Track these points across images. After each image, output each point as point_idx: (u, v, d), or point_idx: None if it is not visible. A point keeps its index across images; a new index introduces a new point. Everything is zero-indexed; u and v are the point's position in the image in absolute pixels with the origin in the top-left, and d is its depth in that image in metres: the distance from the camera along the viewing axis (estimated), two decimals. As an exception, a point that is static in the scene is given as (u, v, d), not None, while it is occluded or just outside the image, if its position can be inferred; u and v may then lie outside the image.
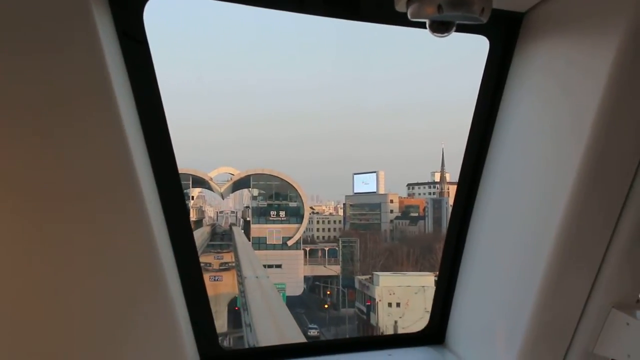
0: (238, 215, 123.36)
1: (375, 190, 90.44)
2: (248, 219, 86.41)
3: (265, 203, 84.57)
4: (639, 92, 1.96)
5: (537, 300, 2.23)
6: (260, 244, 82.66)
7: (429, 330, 3.02)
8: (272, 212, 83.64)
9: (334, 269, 77.97)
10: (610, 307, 2.23)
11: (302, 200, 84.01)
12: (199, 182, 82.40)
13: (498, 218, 2.60)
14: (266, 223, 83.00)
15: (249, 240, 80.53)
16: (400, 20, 1.96)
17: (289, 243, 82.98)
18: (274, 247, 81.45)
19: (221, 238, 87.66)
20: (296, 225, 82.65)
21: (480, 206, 2.70)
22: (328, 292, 75.18)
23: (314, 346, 3.01)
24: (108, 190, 1.93)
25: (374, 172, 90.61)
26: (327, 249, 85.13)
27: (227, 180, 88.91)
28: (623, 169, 2.09)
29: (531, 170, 2.38)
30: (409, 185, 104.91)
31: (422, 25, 1.90)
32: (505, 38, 2.45)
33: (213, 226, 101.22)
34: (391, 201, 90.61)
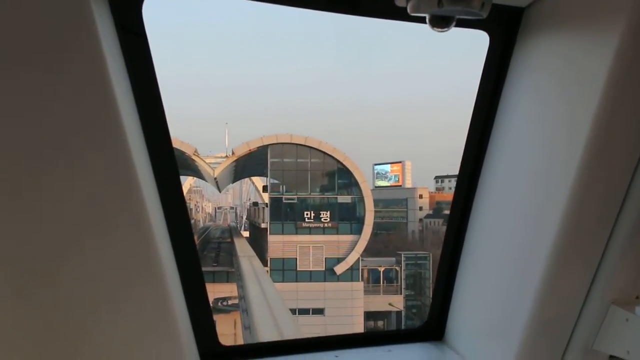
0: (238, 212, 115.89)
1: (400, 183, 75.25)
2: (261, 224, 48.66)
3: (295, 196, 46.65)
4: (639, 87, 1.95)
5: (537, 296, 2.23)
6: (286, 270, 45.57)
7: (428, 326, 3.00)
8: (306, 213, 45.55)
9: (396, 302, 53.63)
10: (609, 303, 2.25)
11: (360, 192, 46.21)
12: (183, 165, 47.11)
13: (497, 214, 2.60)
14: (296, 232, 45.67)
15: (266, 265, 43.76)
16: (400, 15, 1.98)
17: (339, 270, 45.38)
18: (310, 276, 46.48)
19: (215, 257, 54.46)
20: (351, 238, 47.11)
21: (479, 202, 2.69)
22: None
23: (314, 342, 2.95)
24: (106, 185, 1.91)
25: (399, 162, 75.56)
26: (381, 269, 57.18)
27: (224, 157, 50.87)
28: (622, 165, 2.10)
29: (531, 166, 2.38)
30: (437, 178, 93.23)
31: (421, 20, 1.88)
32: (506, 33, 2.44)
33: (205, 232, 78.29)
34: (420, 196, 77.54)
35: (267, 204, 56.36)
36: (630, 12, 1.84)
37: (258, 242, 54.49)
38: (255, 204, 76.49)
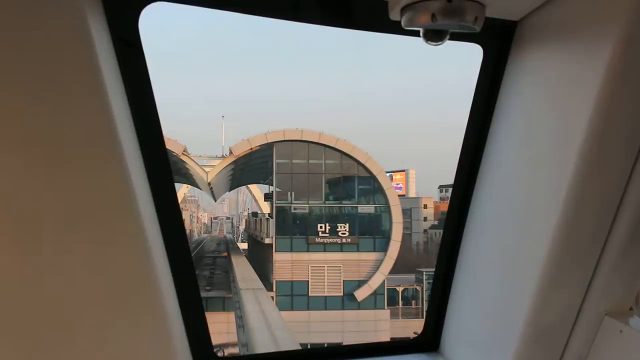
0: (235, 222, 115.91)
1: (404, 193, 67.82)
2: (265, 239, 40.80)
3: (306, 205, 38.69)
4: (631, 100, 2.00)
5: (531, 307, 2.25)
6: (295, 295, 38.13)
7: (424, 337, 3.02)
8: (320, 226, 37.73)
9: (419, 329, 35.57)
10: (603, 315, 2.27)
11: (386, 200, 38.32)
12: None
13: (492, 226, 2.64)
14: (308, 250, 38.02)
15: (271, 290, 35.94)
16: (394, 28, 2.00)
17: (360, 296, 37.36)
18: (325, 303, 38.91)
19: (209, 277, 46.86)
20: (374, 256, 39.47)
21: (474, 214, 2.72)
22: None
23: (308, 354, 3.16)
24: (102, 195, 1.96)
25: (403, 170, 69.14)
26: (400, 289, 50.67)
27: (220, 157, 42.74)
28: (615, 177, 2.12)
29: (525, 179, 2.42)
30: (441, 187, 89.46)
31: (416, 34, 1.93)
32: (499, 46, 2.48)
33: (199, 245, 71.68)
34: (425, 206, 74.64)
35: (269, 214, 48.24)
36: (622, 24, 1.87)
37: (260, 259, 46.32)
38: (255, 214, 69.58)
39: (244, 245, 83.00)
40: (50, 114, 1.82)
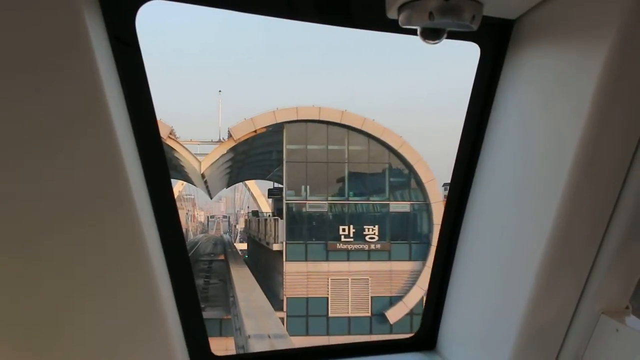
0: (231, 221, 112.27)
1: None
2: (272, 244, 33.44)
3: (325, 202, 31.15)
4: (627, 100, 2.05)
5: (528, 306, 2.28)
6: (311, 316, 32.02)
7: (420, 335, 3.04)
8: (342, 228, 31.99)
9: None
10: (599, 314, 2.31)
11: (424, 196, 30.83)
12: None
13: (489, 225, 2.67)
14: (327, 258, 31.14)
15: (281, 309, 28.61)
16: (392, 27, 2.05)
17: (393, 317, 31.55)
18: (349, 325, 31.84)
19: (204, 289, 39.15)
20: (410, 266, 32.30)
21: (471, 213, 2.75)
22: None
23: (304, 352, 3.04)
24: (98, 194, 2.00)
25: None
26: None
27: (217, 142, 35.15)
28: (611, 177, 2.17)
29: (521, 179, 2.46)
30: (445, 185, 71.15)
31: (413, 32, 1.98)
32: (496, 45, 2.52)
33: (194, 247, 63.92)
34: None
35: (272, 213, 40.42)
36: (618, 24, 1.91)
37: (265, 268, 38.54)
38: (256, 213, 62.23)
39: (242, 246, 77.27)
40: (46, 113, 1.86)
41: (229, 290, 32.90)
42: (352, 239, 31.74)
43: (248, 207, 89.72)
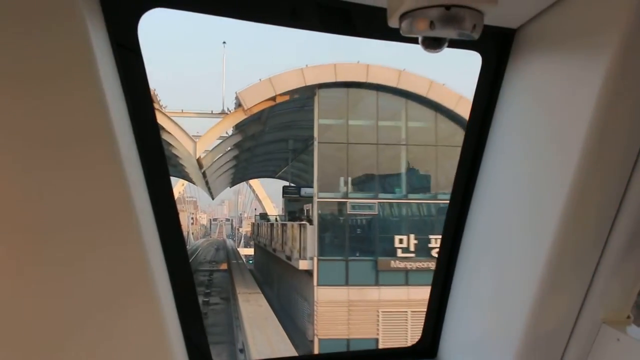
0: (234, 224, 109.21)
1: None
2: (297, 260, 23.96)
3: (374, 202, 21.63)
4: (629, 108, 2.08)
5: (529, 314, 2.33)
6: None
7: (421, 343, 3.05)
8: (399, 239, 21.39)
9: None
10: (600, 323, 2.35)
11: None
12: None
13: (490, 232, 2.72)
14: (377, 282, 22.83)
15: (312, 341, 18.19)
16: (393, 35, 2.11)
17: None
18: None
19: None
20: None
21: (473, 221, 2.80)
22: None
23: None
24: (99, 200, 2.03)
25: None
26: None
27: (221, 114, 25.82)
28: (613, 185, 2.21)
29: (522, 186, 2.52)
30: None
31: (414, 41, 2.01)
32: (498, 54, 2.58)
33: (191, 256, 55.60)
34: None
35: (283, 216, 31.66)
36: (620, 33, 1.95)
37: (282, 290, 29.23)
38: (264, 216, 53.49)
39: (245, 251, 71.07)
40: (48, 119, 1.90)
41: (235, 331, 23.73)
42: (413, 254, 23.21)
43: (255, 210, 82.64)
